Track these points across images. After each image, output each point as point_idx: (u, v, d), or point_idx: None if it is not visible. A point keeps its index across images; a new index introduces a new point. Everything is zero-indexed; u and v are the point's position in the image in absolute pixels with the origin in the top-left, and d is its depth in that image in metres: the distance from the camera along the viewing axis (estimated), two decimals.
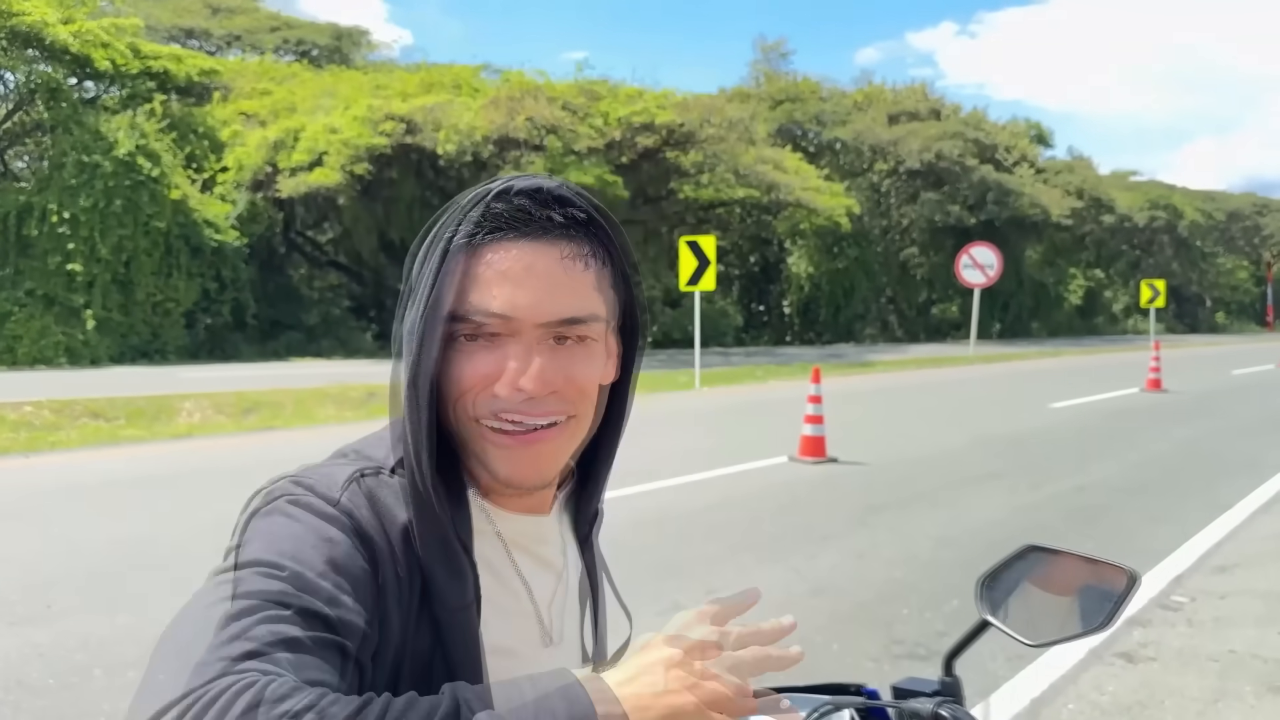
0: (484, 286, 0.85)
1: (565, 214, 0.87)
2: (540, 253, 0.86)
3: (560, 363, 0.87)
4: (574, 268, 0.87)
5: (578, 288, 0.87)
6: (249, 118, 25.10)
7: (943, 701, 1.10)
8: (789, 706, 1.33)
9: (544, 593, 0.98)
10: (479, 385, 0.86)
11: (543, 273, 0.86)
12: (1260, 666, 4.25)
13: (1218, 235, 55.39)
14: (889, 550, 6.04)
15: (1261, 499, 7.75)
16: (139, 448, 9.57)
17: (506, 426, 0.87)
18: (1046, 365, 23.73)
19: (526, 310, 0.85)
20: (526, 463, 0.88)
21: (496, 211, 0.86)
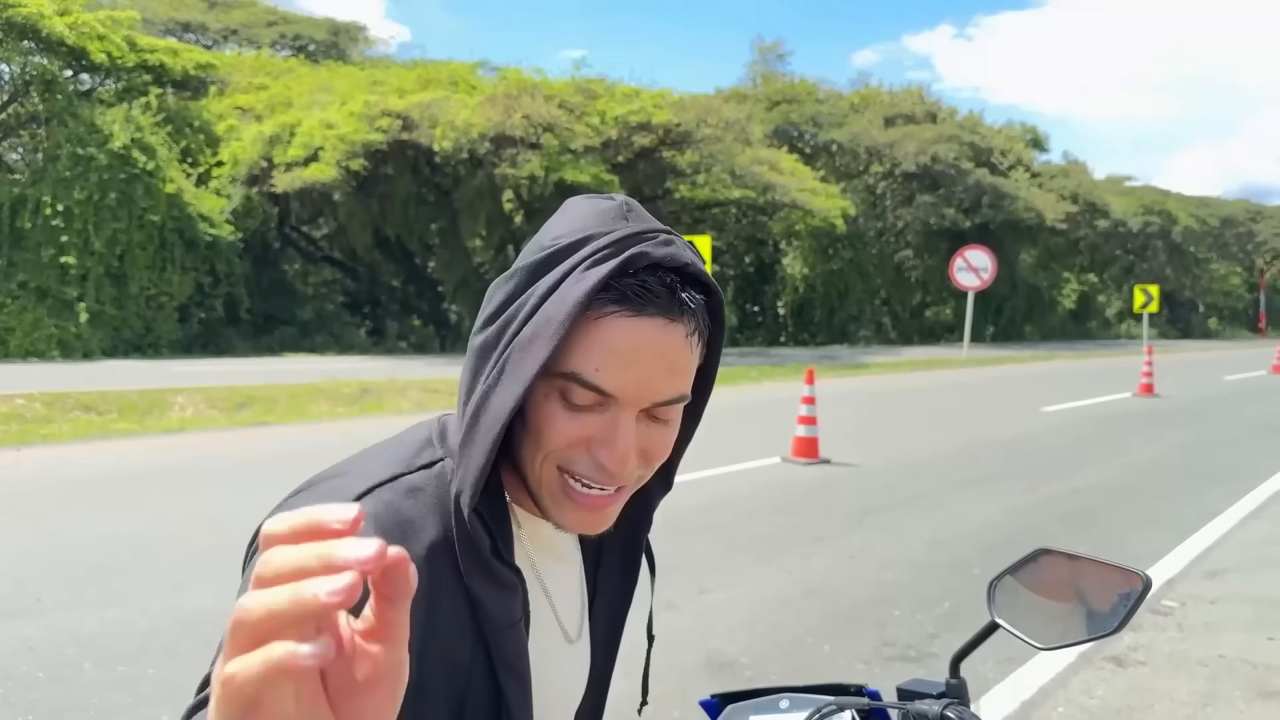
0: (602, 356, 0.81)
1: (694, 297, 0.85)
2: (669, 335, 0.82)
3: (655, 435, 0.86)
4: (696, 345, 0.86)
5: (688, 369, 0.86)
6: (245, 112, 25.06)
7: (950, 703, 1.10)
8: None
9: (562, 592, 0.99)
10: (578, 446, 0.84)
11: (672, 355, 0.83)
12: (1250, 671, 4.27)
13: (1211, 241, 55.52)
14: (882, 552, 6.05)
15: (1252, 505, 7.77)
16: (131, 441, 9.55)
17: (590, 491, 0.85)
18: (1039, 369, 23.78)
19: (641, 392, 0.82)
20: (592, 521, 0.88)
21: (638, 284, 0.81)
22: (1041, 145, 47.18)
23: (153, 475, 7.82)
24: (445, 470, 0.87)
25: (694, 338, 0.84)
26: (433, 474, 0.87)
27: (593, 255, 0.82)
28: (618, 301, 0.81)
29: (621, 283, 0.81)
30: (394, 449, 0.90)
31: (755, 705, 1.37)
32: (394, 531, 0.81)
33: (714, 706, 1.41)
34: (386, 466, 0.87)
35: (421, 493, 0.85)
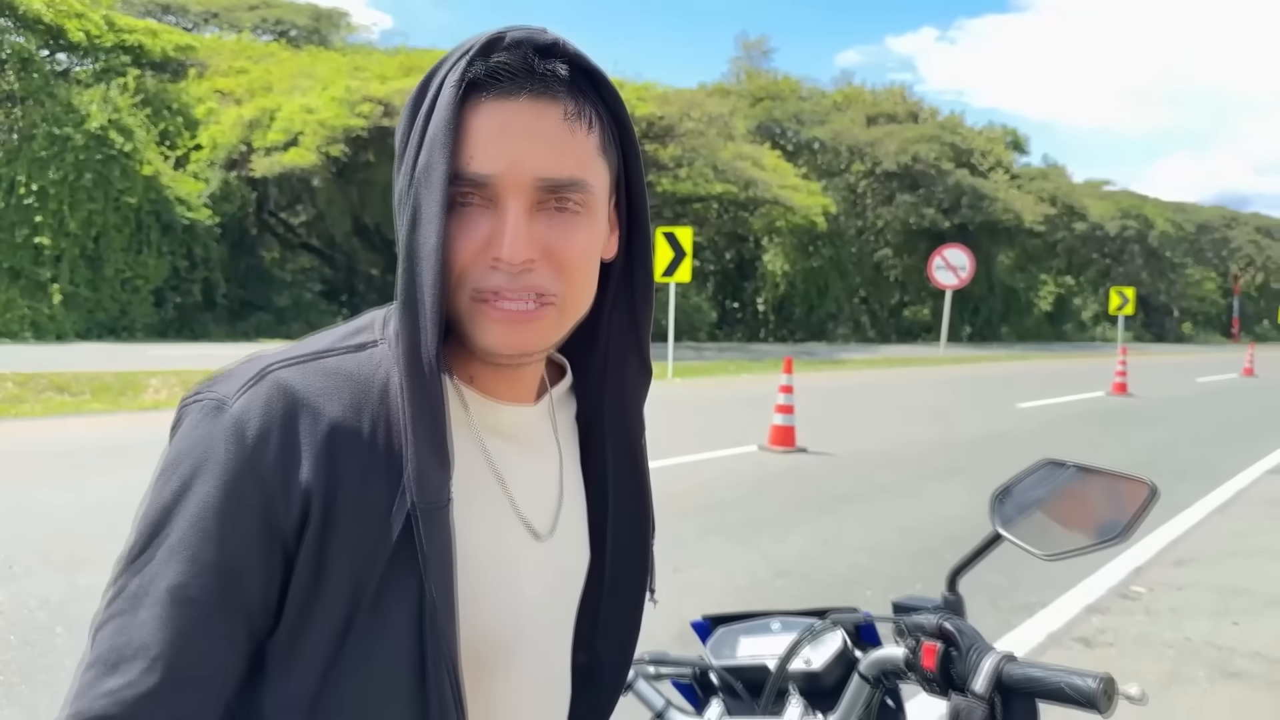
0: (482, 143, 0.79)
1: (569, 69, 0.81)
2: (543, 110, 0.79)
3: (558, 229, 0.81)
4: (578, 128, 0.81)
5: (581, 149, 0.81)
6: (224, 96, 24.88)
7: (946, 615, 1.11)
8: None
9: (526, 481, 0.92)
10: (475, 253, 0.80)
11: (545, 131, 0.79)
12: (1214, 654, 4.34)
13: (1187, 247, 56.07)
14: (854, 538, 6.10)
15: (1219, 499, 7.88)
16: (103, 418, 9.48)
17: (508, 305, 0.81)
18: (1015, 368, 23.98)
19: (528, 168, 0.79)
20: (516, 336, 0.82)
21: (495, 64, 0.79)
22: (1021, 148, 47.54)
23: (125, 449, 7.77)
24: (375, 355, 0.83)
25: (576, 121, 0.81)
26: (360, 356, 0.83)
27: (455, 59, 0.80)
28: (480, 89, 0.79)
29: (482, 67, 0.79)
30: (335, 331, 0.88)
31: (747, 627, 1.38)
32: (292, 408, 0.78)
33: (705, 628, 1.42)
34: (318, 342, 0.85)
35: (337, 374, 0.81)
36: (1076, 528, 1.20)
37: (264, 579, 0.78)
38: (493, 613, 0.87)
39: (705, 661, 1.35)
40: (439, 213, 0.77)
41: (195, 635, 0.75)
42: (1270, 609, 5.01)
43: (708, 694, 1.35)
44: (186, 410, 0.81)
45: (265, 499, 0.77)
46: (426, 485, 0.78)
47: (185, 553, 0.76)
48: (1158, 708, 3.72)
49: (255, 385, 0.79)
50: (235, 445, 0.77)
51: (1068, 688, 0.97)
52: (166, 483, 0.78)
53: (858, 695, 1.19)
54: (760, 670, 1.30)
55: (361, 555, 0.79)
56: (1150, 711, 3.69)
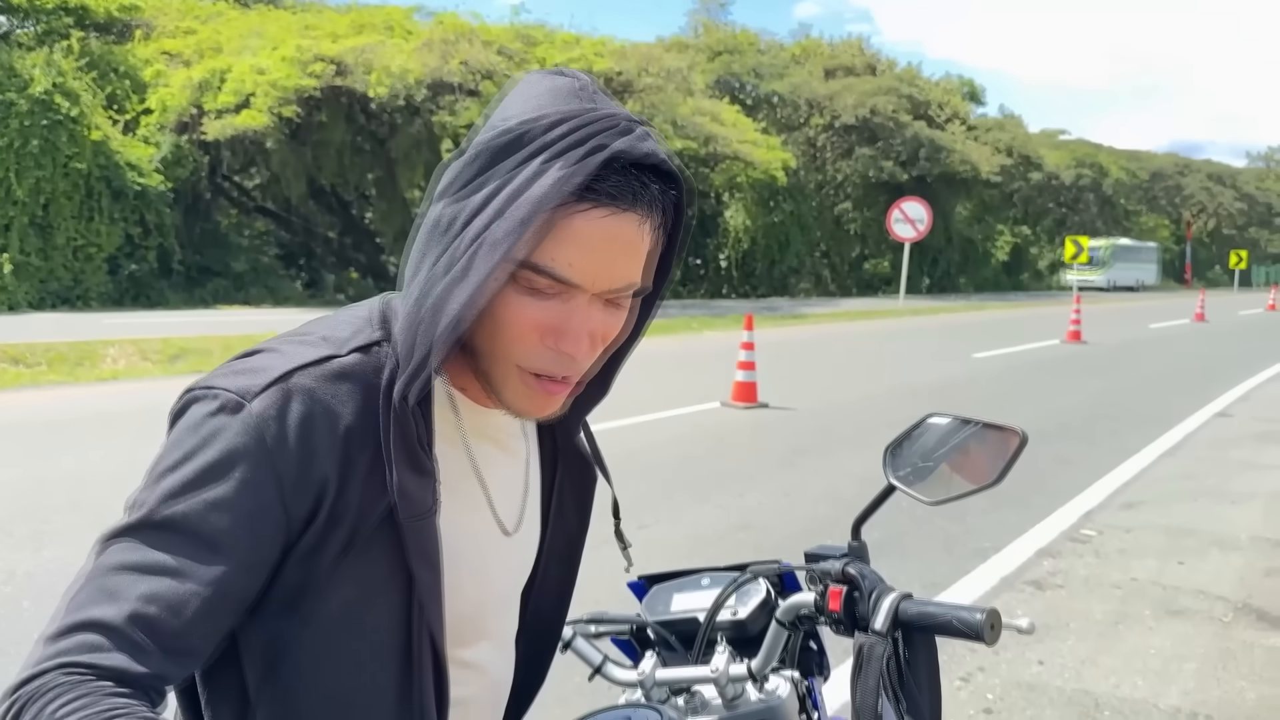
0: (573, 250, 0.81)
1: (665, 192, 0.85)
2: (629, 224, 0.83)
3: (609, 319, 0.88)
4: (648, 238, 0.85)
5: (644, 257, 0.86)
6: (172, 57, 24.28)
7: (850, 561, 1.18)
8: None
9: (501, 483, 1.00)
10: (541, 334, 0.85)
11: (624, 244, 0.83)
12: (1160, 593, 4.51)
13: (1141, 194, 56.73)
14: (814, 489, 6.23)
15: (1169, 443, 8.10)
16: (62, 390, 9.38)
17: (545, 382, 0.87)
18: (972, 318, 24.28)
19: (602, 280, 0.84)
20: (546, 405, 0.90)
21: (606, 179, 0.81)
22: (978, 99, 47.65)
23: (85, 421, 7.72)
24: (379, 355, 0.87)
25: (646, 225, 0.85)
26: (367, 359, 0.87)
27: (562, 141, 0.81)
28: (590, 199, 0.81)
29: (596, 181, 0.81)
30: (331, 327, 0.91)
31: (679, 584, 1.46)
32: (309, 412, 0.82)
33: (640, 588, 1.50)
34: (317, 348, 0.87)
35: (348, 378, 0.85)
36: (959, 475, 1.31)
37: (260, 571, 0.83)
38: (465, 600, 0.95)
39: (641, 618, 1.43)
40: (489, 285, 0.80)
41: (179, 613, 0.77)
42: (1214, 548, 5.20)
43: (645, 649, 1.42)
44: (198, 398, 0.84)
45: (281, 501, 0.82)
46: (408, 499, 0.85)
47: (190, 541, 0.79)
48: (1105, 645, 3.89)
49: (276, 388, 0.82)
50: (256, 447, 0.81)
51: (957, 621, 1.06)
52: (178, 468, 0.81)
53: (776, 639, 1.27)
54: (692, 623, 1.38)
55: (358, 549, 0.86)
56: (1096, 648, 3.85)
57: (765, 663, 1.28)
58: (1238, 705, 3.38)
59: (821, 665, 1.48)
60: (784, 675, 1.33)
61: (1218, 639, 3.97)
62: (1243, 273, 51.29)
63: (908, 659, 1.08)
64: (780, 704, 1.30)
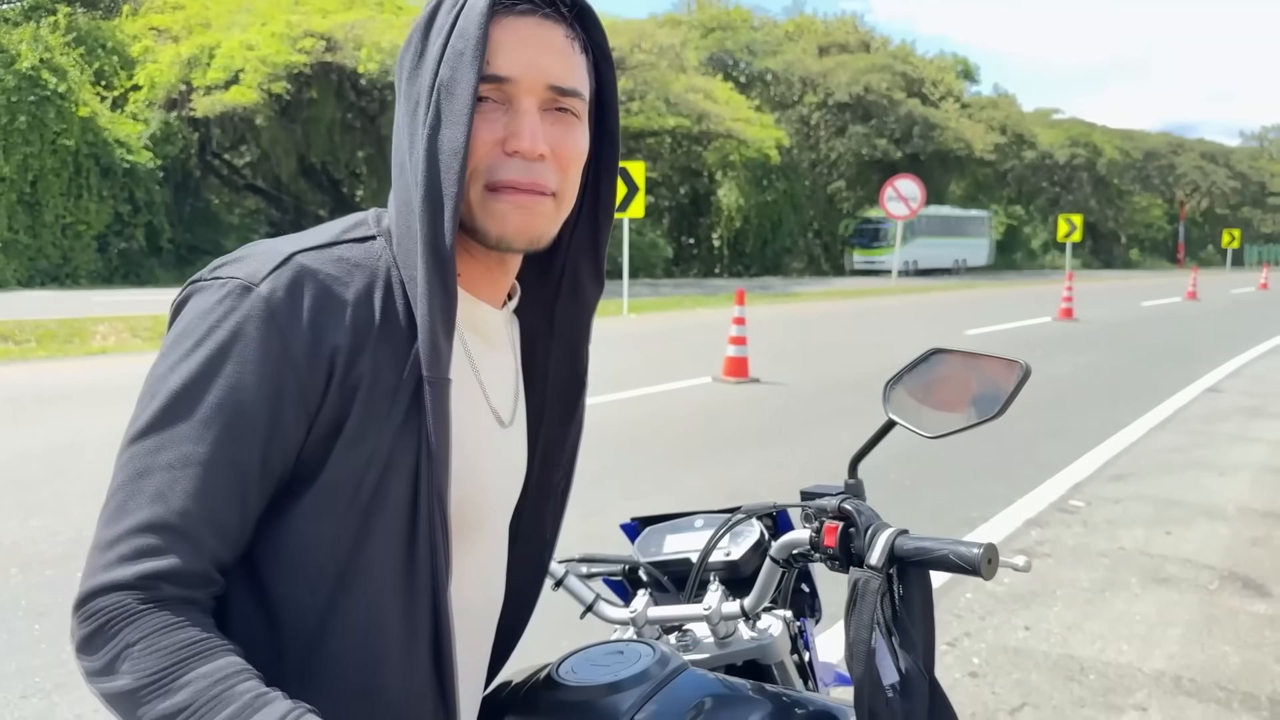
0: (504, 50, 0.90)
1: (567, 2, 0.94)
2: (552, 28, 0.92)
3: (560, 131, 0.93)
4: (574, 47, 0.94)
5: (576, 65, 0.94)
6: (161, 33, 24.12)
7: (846, 497, 1.17)
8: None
9: (493, 375, 1.02)
10: (492, 146, 0.90)
11: (556, 45, 0.92)
12: (1146, 561, 4.53)
13: (1134, 174, 56.70)
14: (804, 460, 6.24)
15: (1158, 418, 8.12)
16: (51, 365, 9.35)
17: (512, 192, 0.91)
18: (965, 296, 24.30)
19: (532, 72, 0.91)
20: (527, 222, 0.93)
21: None
22: (972, 76, 47.62)
23: (73, 394, 7.70)
24: (375, 247, 0.92)
25: (574, 41, 0.94)
26: (364, 246, 0.92)
27: None
28: (497, 10, 0.90)
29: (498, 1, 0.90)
30: (332, 226, 0.95)
31: (672, 525, 1.45)
32: (316, 289, 0.86)
33: (633, 529, 1.49)
34: (324, 234, 0.92)
35: (349, 259, 0.90)
36: (959, 409, 1.28)
37: (287, 447, 0.85)
38: (464, 488, 0.95)
39: (634, 559, 1.43)
40: (466, 115, 0.87)
41: (219, 500, 0.81)
42: (1201, 518, 5.22)
43: (636, 589, 1.42)
44: (203, 288, 0.86)
45: (296, 377, 0.84)
46: (437, 360, 0.87)
47: (218, 425, 0.81)
48: (1091, 611, 3.90)
49: (282, 269, 0.85)
50: (267, 325, 0.83)
51: (954, 555, 1.04)
52: (190, 356, 0.82)
53: (770, 577, 1.26)
54: (684, 564, 1.38)
55: (372, 419, 0.87)
56: (1083, 615, 3.86)
57: (758, 601, 1.28)
58: (1221, 669, 3.40)
59: (814, 607, 1.48)
60: (777, 614, 1.33)
61: (1203, 606, 3.99)
62: (1235, 252, 51.28)
63: (902, 595, 1.07)
64: (772, 642, 1.30)
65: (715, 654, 1.30)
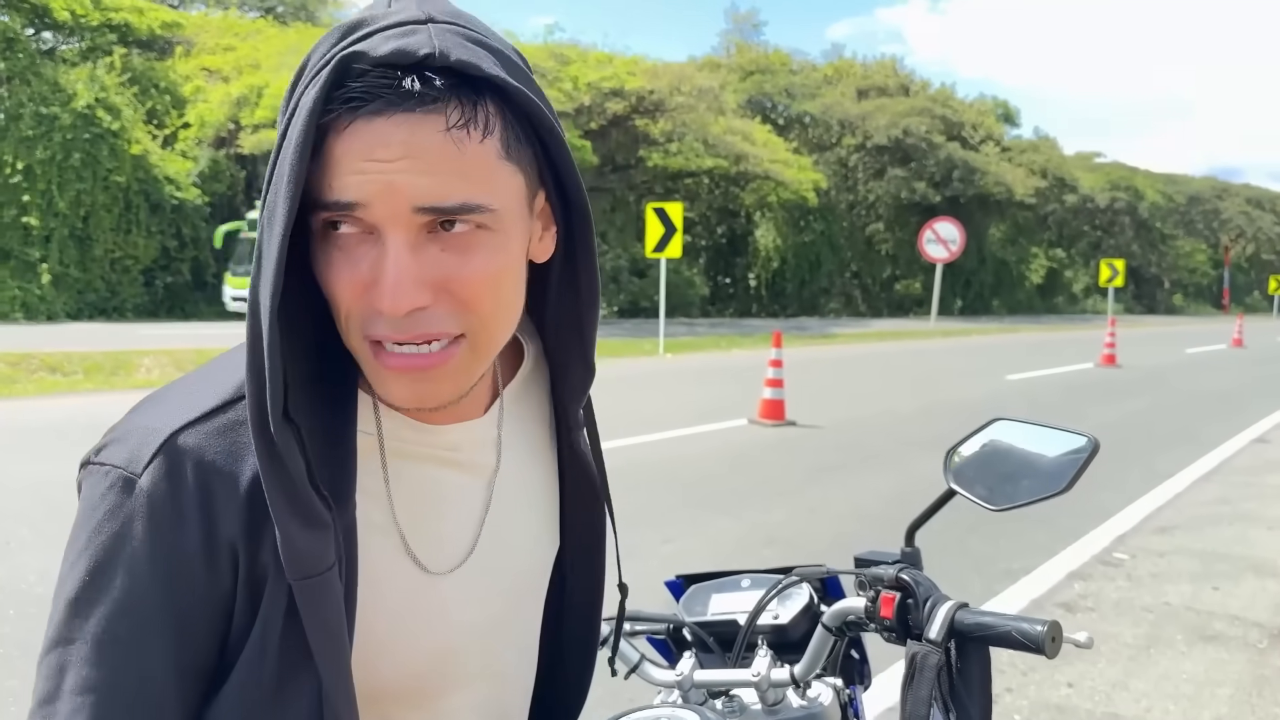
0: (345, 171, 0.68)
1: (448, 75, 0.69)
2: (412, 129, 0.68)
3: (453, 257, 0.71)
4: (466, 140, 0.69)
5: (472, 163, 0.69)
6: (212, 74, 24.71)
7: (904, 567, 1.15)
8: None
9: (438, 513, 0.85)
10: (358, 293, 0.71)
11: (421, 151, 0.68)
12: (1193, 618, 4.42)
13: (1178, 218, 56.11)
14: (840, 506, 6.18)
15: (1204, 469, 7.96)
16: (96, 396, 9.50)
17: (399, 350, 0.72)
18: (1005, 340, 24.06)
19: (390, 197, 0.68)
20: (419, 390, 0.75)
21: (353, 90, 0.68)
22: (1013, 120, 47.48)
23: None
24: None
25: (464, 131, 0.69)
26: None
27: (312, 70, 0.70)
28: (340, 113, 0.68)
29: (341, 93, 0.68)
30: (223, 370, 0.79)
31: (717, 585, 1.44)
32: (200, 476, 0.73)
33: (678, 587, 1.48)
34: (212, 394, 0.76)
35: (239, 428, 0.74)
36: (1024, 481, 1.26)
37: (202, 650, 0.76)
38: (413, 653, 0.85)
39: (678, 618, 1.41)
40: (278, 259, 0.68)
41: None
42: (1249, 574, 5.10)
43: (681, 649, 1.40)
44: (89, 475, 0.76)
45: (193, 578, 0.74)
46: (297, 559, 0.72)
47: (111, 642, 0.73)
48: (1136, 669, 3.81)
49: (160, 455, 0.73)
50: (153, 525, 0.72)
51: (1016, 633, 1.02)
52: (79, 561, 0.73)
53: (822, 645, 1.24)
54: (731, 625, 1.36)
55: (278, 615, 0.75)
56: (1127, 672, 3.78)
57: (809, 668, 1.25)
58: None
59: (863, 674, 1.45)
60: (827, 682, 1.31)
61: (1252, 665, 3.89)
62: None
63: (959, 669, 1.05)
64: (823, 711, 1.27)
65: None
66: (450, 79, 0.69)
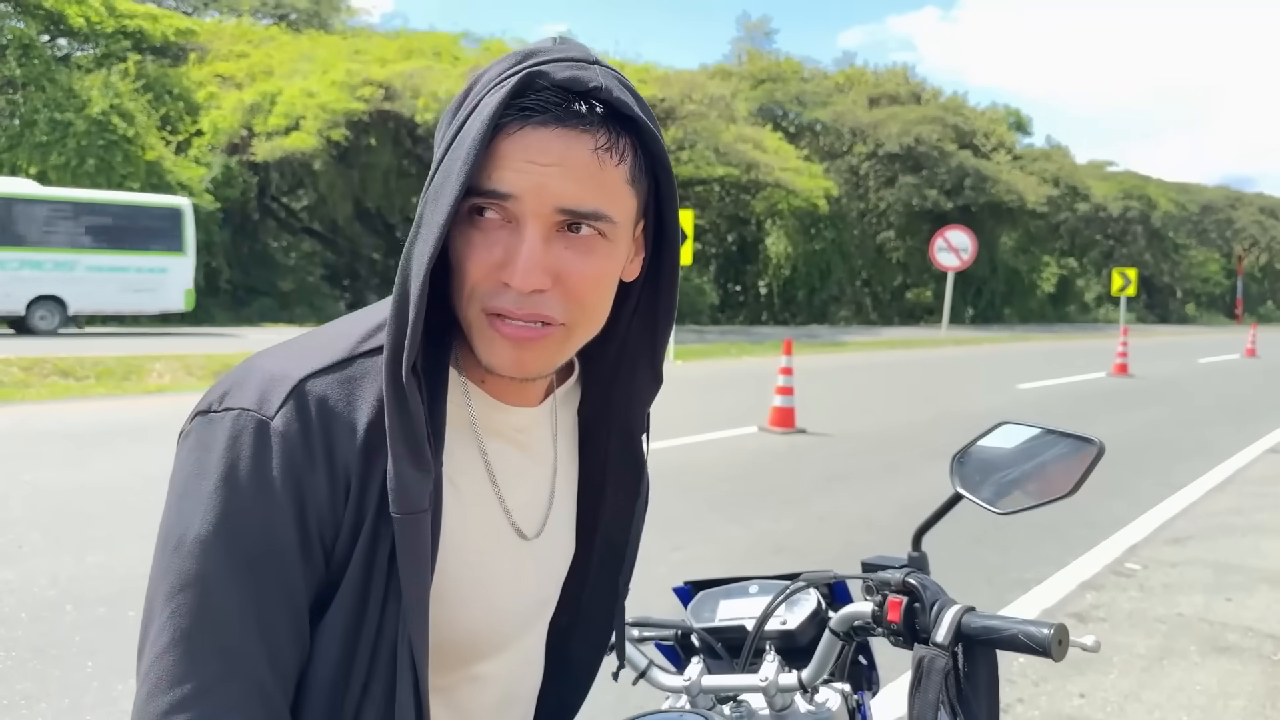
0: (509, 167, 0.80)
1: (606, 107, 0.82)
2: (568, 143, 0.80)
3: (573, 256, 0.83)
4: (607, 160, 0.82)
5: (608, 182, 0.82)
6: (225, 80, 24.83)
7: (910, 571, 1.15)
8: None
9: (520, 486, 0.96)
10: (489, 270, 0.82)
11: (574, 163, 0.80)
12: (1206, 629, 4.39)
13: (1191, 227, 55.87)
14: (850, 515, 6.16)
15: (1217, 479, 7.92)
16: (108, 402, 9.54)
17: (513, 323, 0.83)
18: (1016, 349, 23.98)
19: (538, 194, 0.80)
20: (520, 358, 0.85)
21: (532, 100, 0.80)
22: (1024, 128, 47.38)
23: (128, 431, 7.84)
24: None
25: (608, 154, 0.82)
26: (378, 360, 0.85)
27: (493, 81, 0.82)
28: (518, 116, 0.80)
29: (519, 102, 0.80)
30: (347, 329, 0.89)
31: (726, 591, 1.44)
32: (328, 417, 0.81)
33: (686, 593, 1.48)
34: (329, 351, 0.85)
35: (359, 381, 0.84)
36: (1030, 485, 1.25)
37: (316, 579, 0.82)
38: (473, 610, 0.91)
39: (687, 624, 1.41)
40: (440, 230, 0.78)
41: (275, 641, 0.79)
42: (1263, 585, 5.06)
43: (689, 655, 1.40)
44: (213, 422, 0.81)
45: (318, 510, 0.81)
46: (405, 494, 0.81)
47: (251, 573, 0.78)
48: (1149, 680, 3.79)
49: (293, 399, 0.81)
50: (286, 462, 0.79)
51: (1023, 636, 1.02)
52: (211, 500, 0.78)
53: (829, 649, 1.24)
54: (739, 631, 1.36)
55: (374, 550, 0.83)
56: (1139, 683, 3.75)
57: (817, 674, 1.25)
58: None
59: (871, 680, 1.45)
60: (835, 687, 1.31)
61: (1266, 677, 3.86)
62: None
63: (967, 673, 1.05)
64: (830, 716, 1.27)
65: None
66: (604, 110, 0.82)
